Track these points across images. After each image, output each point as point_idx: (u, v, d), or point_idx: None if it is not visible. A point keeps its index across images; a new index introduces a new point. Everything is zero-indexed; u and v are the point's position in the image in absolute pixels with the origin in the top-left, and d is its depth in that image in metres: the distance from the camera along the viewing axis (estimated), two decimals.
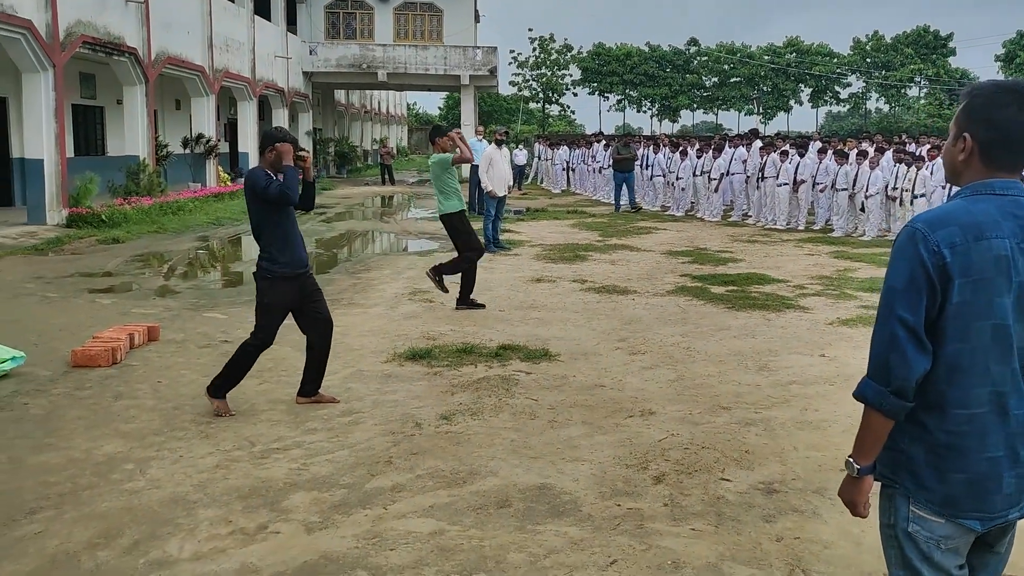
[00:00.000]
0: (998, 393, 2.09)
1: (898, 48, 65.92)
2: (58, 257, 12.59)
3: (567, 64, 66.40)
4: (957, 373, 2.08)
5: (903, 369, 2.06)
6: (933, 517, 2.14)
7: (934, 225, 2.07)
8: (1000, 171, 2.14)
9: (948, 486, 2.11)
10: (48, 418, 5.38)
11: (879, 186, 15.01)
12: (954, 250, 2.03)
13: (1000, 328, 2.06)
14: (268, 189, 5.28)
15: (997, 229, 2.05)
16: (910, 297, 2.05)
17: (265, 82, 28.35)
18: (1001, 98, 2.11)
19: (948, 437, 2.10)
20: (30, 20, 14.43)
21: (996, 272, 2.04)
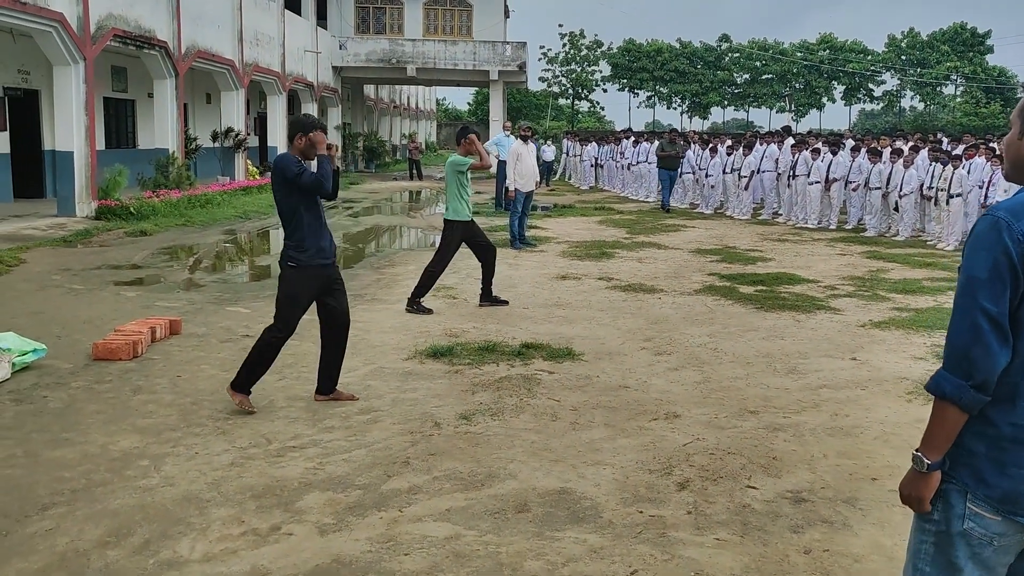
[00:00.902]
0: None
1: (934, 45, 64.81)
2: (86, 249, 12.66)
3: (597, 60, 66.04)
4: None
5: (987, 362, 1.99)
6: (990, 514, 2.07)
7: (1018, 214, 2.00)
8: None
9: (1010, 481, 2.04)
10: (66, 412, 5.35)
11: (913, 185, 14.68)
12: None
13: None
14: (301, 177, 5.21)
15: None
16: (994, 287, 1.99)
17: (295, 76, 28.43)
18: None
19: (1014, 430, 2.04)
20: (62, 13, 14.54)
21: None
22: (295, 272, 5.37)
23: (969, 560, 2.10)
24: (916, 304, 9.06)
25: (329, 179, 5.31)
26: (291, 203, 5.34)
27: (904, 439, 5.06)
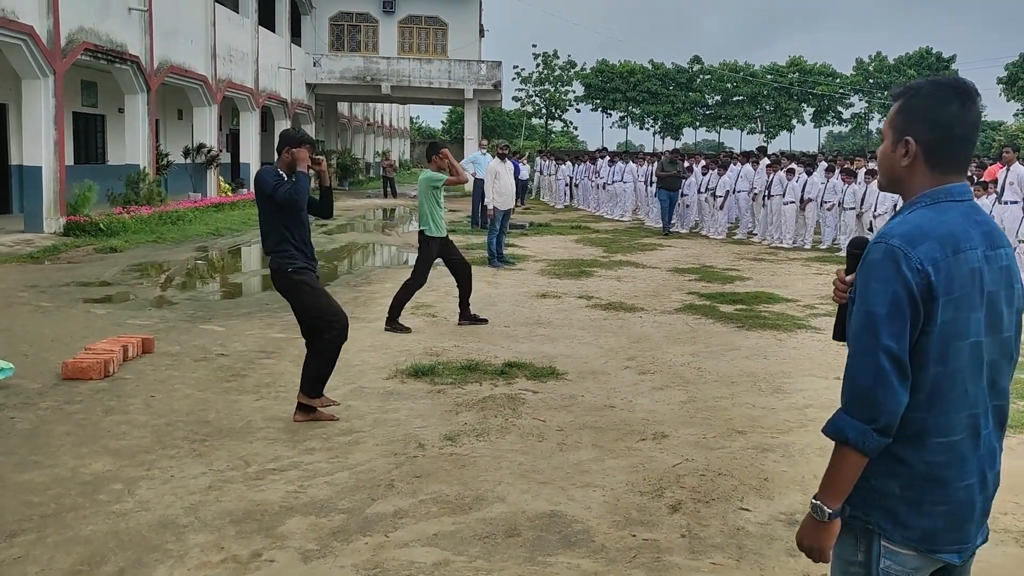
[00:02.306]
0: (974, 416, 1.95)
1: (901, 69, 66.05)
2: (54, 266, 12.38)
3: (570, 80, 66.54)
4: (938, 399, 1.91)
5: (892, 404, 1.87)
6: (906, 550, 1.97)
7: (912, 240, 1.89)
8: (950, 174, 1.99)
9: (928, 520, 1.95)
10: (35, 433, 5.15)
11: (887, 206, 14.80)
12: (937, 267, 1.87)
13: (976, 346, 1.93)
14: (276, 191, 5.15)
15: (969, 240, 1.92)
16: (895, 323, 1.86)
17: (268, 93, 28.24)
18: (943, 96, 1.97)
19: (928, 468, 1.93)
20: (31, 26, 14.29)
21: (972, 287, 1.90)
22: (303, 273, 5.33)
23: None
24: None
25: (304, 196, 5.25)
26: (272, 217, 5.27)
27: None
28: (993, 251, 1.96)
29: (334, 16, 35.42)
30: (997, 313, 1.97)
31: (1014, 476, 4.76)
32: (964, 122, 1.97)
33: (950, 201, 1.96)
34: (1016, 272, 2.02)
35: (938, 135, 1.97)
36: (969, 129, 1.98)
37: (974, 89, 1.99)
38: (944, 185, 1.98)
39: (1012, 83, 63.00)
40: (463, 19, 35.89)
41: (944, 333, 1.89)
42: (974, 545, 2.02)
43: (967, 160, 2.02)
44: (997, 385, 2.01)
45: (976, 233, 1.94)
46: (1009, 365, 2.03)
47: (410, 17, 35.71)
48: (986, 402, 1.98)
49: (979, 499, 1.98)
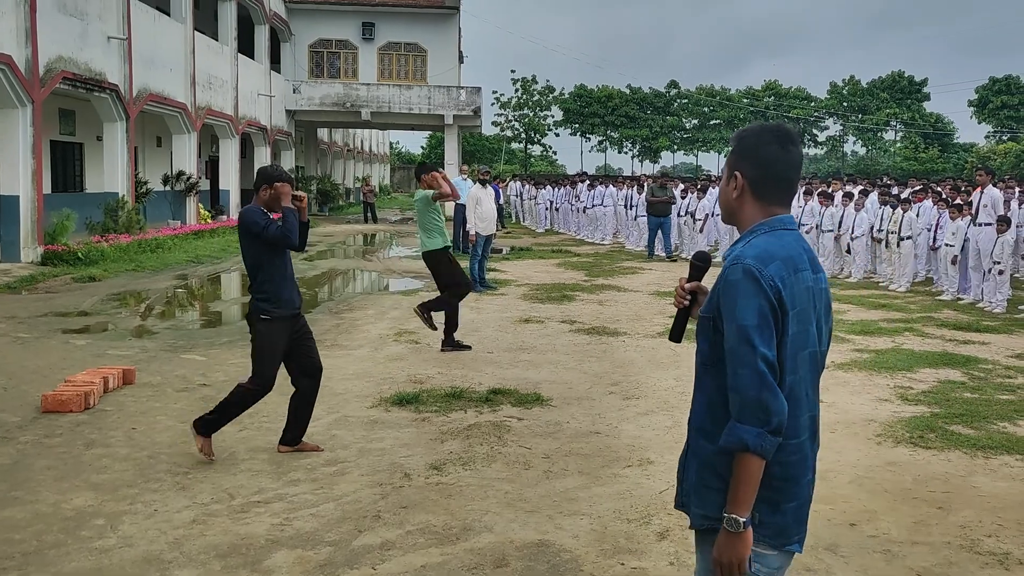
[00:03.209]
0: (813, 418, 2.19)
1: (874, 93, 67.04)
2: (32, 296, 12.26)
3: (549, 105, 67.00)
4: (792, 405, 2.09)
5: (777, 405, 2.03)
6: (768, 551, 2.13)
7: (763, 261, 2.11)
8: (774, 206, 2.24)
9: (782, 516, 2.13)
10: (14, 468, 5.08)
11: (864, 228, 14.99)
12: (784, 283, 2.09)
13: (814, 355, 2.17)
14: (267, 230, 5.12)
15: (803, 262, 2.16)
16: (764, 332, 2.06)
17: (248, 120, 28.23)
18: (764, 137, 2.24)
19: (783, 469, 2.12)
20: (9, 55, 14.23)
21: (808, 303, 2.14)
22: (268, 324, 5.22)
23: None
24: (876, 345, 9.16)
25: (295, 232, 5.24)
26: (257, 255, 5.23)
27: (878, 482, 5.05)
28: (816, 274, 2.21)
29: (313, 43, 35.53)
30: (820, 329, 2.21)
31: (996, 498, 4.82)
32: (784, 161, 2.22)
33: (784, 229, 2.22)
34: (829, 294, 2.27)
35: (761, 172, 2.23)
36: (788, 167, 2.24)
37: (795, 135, 2.27)
38: (776, 216, 2.24)
39: (983, 105, 64.13)
40: (442, 45, 36.10)
41: (793, 344, 2.10)
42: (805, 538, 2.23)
43: (789, 194, 2.27)
44: (817, 393, 2.26)
45: (806, 258, 2.19)
46: (819, 376, 2.26)
47: (389, 44, 35.88)
48: (816, 407, 2.21)
49: (811, 494, 2.23)
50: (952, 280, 12.98)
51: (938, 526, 4.45)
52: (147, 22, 20.23)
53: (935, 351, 8.86)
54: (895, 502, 4.76)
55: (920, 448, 5.70)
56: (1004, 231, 11.79)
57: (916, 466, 5.36)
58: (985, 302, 12.07)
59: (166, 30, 21.55)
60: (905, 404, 6.81)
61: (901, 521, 4.50)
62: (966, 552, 4.14)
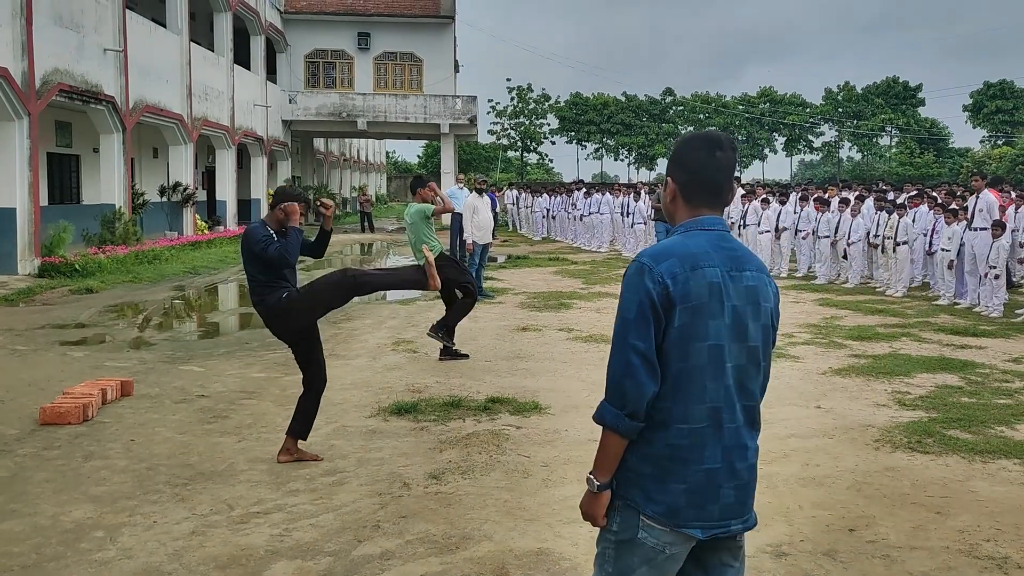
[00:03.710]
0: (715, 409, 2.27)
1: (869, 98, 67.23)
2: (29, 308, 12.25)
3: (545, 113, 67.10)
4: (679, 391, 2.26)
5: (636, 393, 2.23)
6: (659, 526, 2.28)
7: (658, 258, 2.29)
8: (703, 208, 2.39)
9: (671, 496, 2.26)
10: (13, 481, 5.08)
11: (861, 233, 15.03)
12: (675, 279, 2.25)
13: (715, 348, 2.26)
14: (267, 250, 5.19)
15: (709, 259, 2.29)
16: (640, 326, 2.24)
17: (244, 130, 28.27)
18: (693, 143, 2.41)
19: (671, 450, 2.26)
20: (6, 68, 14.26)
21: (710, 297, 2.26)
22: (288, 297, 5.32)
23: (644, 565, 2.30)
24: (873, 351, 9.18)
25: (294, 253, 5.32)
26: (257, 271, 5.32)
27: (876, 488, 5.06)
28: (738, 272, 2.32)
29: (309, 53, 35.62)
30: (743, 324, 2.30)
31: (994, 502, 4.83)
32: (710, 166, 2.37)
33: (700, 230, 2.37)
34: (765, 292, 2.36)
35: (689, 177, 2.39)
36: (714, 171, 2.38)
37: (723, 140, 2.39)
38: (697, 217, 2.39)
39: (977, 110, 64.34)
40: (438, 55, 36.21)
41: (682, 335, 2.25)
42: (726, 527, 2.31)
43: (717, 196, 2.40)
44: (745, 387, 2.33)
45: (720, 256, 2.31)
46: (757, 371, 2.35)
47: (385, 53, 35.98)
48: (732, 400, 2.29)
49: (726, 485, 2.29)
50: (948, 285, 13.01)
51: (936, 531, 4.45)
52: (143, 34, 20.29)
53: (932, 356, 8.89)
54: (893, 507, 4.77)
55: (918, 453, 5.71)
56: (999, 235, 11.83)
57: (914, 471, 5.37)
58: (982, 306, 12.10)
59: (162, 42, 21.61)
60: (903, 409, 6.82)
61: (900, 526, 4.51)
62: (964, 556, 4.15)
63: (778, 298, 2.46)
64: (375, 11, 35.55)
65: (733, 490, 2.30)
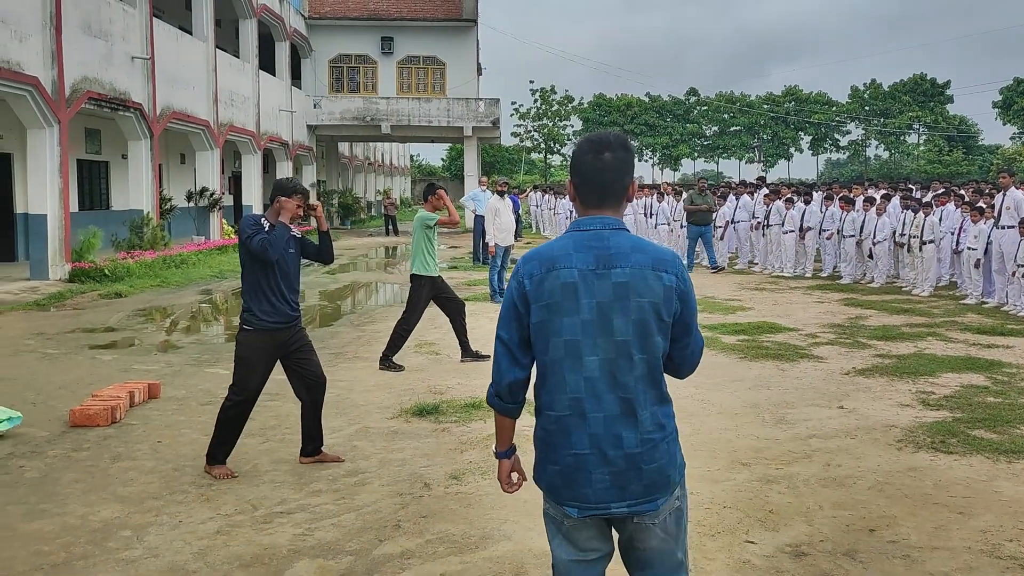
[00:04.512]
0: (576, 399, 2.43)
1: (896, 96, 66.59)
2: (60, 313, 12.47)
3: (568, 114, 67.10)
4: (545, 380, 2.48)
5: (498, 376, 2.55)
6: (549, 501, 2.54)
7: (527, 260, 2.52)
8: (589, 209, 2.53)
9: (548, 475, 2.50)
10: (43, 482, 5.19)
11: (886, 232, 14.90)
12: (532, 280, 2.46)
13: (571, 344, 2.42)
14: (251, 240, 5.06)
15: (567, 260, 2.44)
16: (506, 319, 2.51)
17: (269, 135, 28.54)
18: (582, 147, 2.53)
19: (544, 434, 2.51)
20: (36, 77, 14.53)
21: (563, 297, 2.42)
22: (247, 335, 5.21)
23: (557, 533, 2.57)
24: (897, 351, 9.11)
25: (277, 248, 5.08)
26: (244, 264, 5.22)
27: (898, 488, 5.03)
28: (606, 270, 2.43)
29: (333, 58, 35.89)
30: (608, 320, 2.42)
31: (1018, 502, 4.79)
32: (594, 168, 2.49)
33: (574, 231, 2.51)
34: (640, 287, 2.43)
35: (578, 178, 2.54)
36: (598, 172, 2.49)
37: (612, 141, 2.50)
38: (583, 217, 2.53)
39: (1007, 107, 63.46)
40: (460, 58, 36.33)
41: (538, 330, 2.46)
42: (604, 509, 2.45)
43: (603, 195, 2.51)
44: (618, 380, 2.43)
45: (583, 256, 2.44)
46: (629, 364, 2.43)
47: (408, 57, 36.17)
48: (598, 391, 2.42)
49: (598, 471, 2.43)
50: (976, 284, 12.87)
51: (959, 531, 4.43)
52: (170, 41, 20.56)
53: (958, 355, 8.80)
54: (915, 507, 4.75)
55: (941, 453, 5.67)
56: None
57: (937, 471, 5.34)
58: (1010, 305, 11.96)
59: (188, 49, 21.88)
60: (927, 409, 6.78)
61: (921, 526, 4.49)
62: (987, 557, 4.12)
63: (675, 290, 2.46)
64: (398, 15, 35.76)
65: (608, 475, 2.42)
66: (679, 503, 2.54)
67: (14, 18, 14.00)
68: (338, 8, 35.73)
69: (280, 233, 5.14)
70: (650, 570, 2.55)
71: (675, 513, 2.53)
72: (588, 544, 2.54)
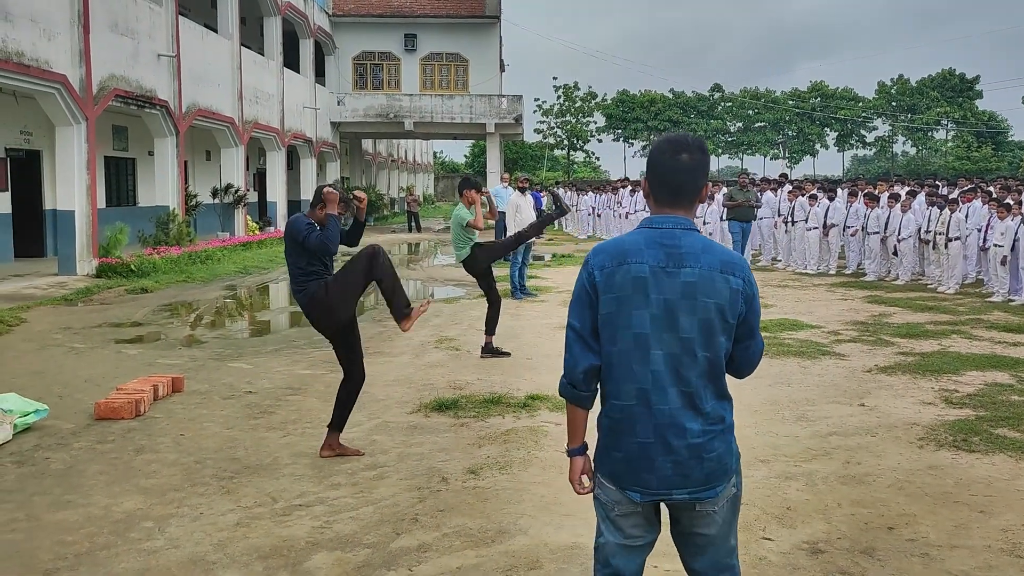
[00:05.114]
0: (642, 390, 2.49)
1: (924, 91, 65.79)
2: (86, 307, 12.65)
3: (591, 111, 66.90)
4: (612, 370, 2.54)
5: (571, 363, 2.59)
6: (609, 484, 2.60)
7: (596, 252, 2.59)
8: (663, 207, 2.59)
9: (612, 462, 2.57)
10: (68, 473, 5.28)
11: (911, 229, 14.75)
12: (602, 271, 2.53)
13: (639, 336, 2.49)
14: (309, 238, 5.33)
15: (639, 255, 2.51)
16: (574, 308, 2.60)
17: (294, 132, 28.73)
18: (660, 147, 2.60)
19: (610, 422, 2.56)
20: (64, 75, 14.73)
21: (634, 290, 2.49)
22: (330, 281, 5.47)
23: (605, 519, 2.66)
24: (921, 348, 9.03)
25: (335, 241, 5.43)
26: (298, 261, 5.46)
27: (918, 486, 5.00)
28: (676, 268, 2.49)
29: (357, 56, 36.05)
30: (674, 317, 2.49)
31: None
32: (671, 168, 2.55)
33: (646, 228, 2.58)
34: (708, 288, 2.49)
35: (654, 177, 2.59)
36: (674, 173, 2.55)
37: (691, 144, 2.56)
38: (655, 215, 2.60)
39: None
40: (483, 55, 36.36)
41: (608, 320, 2.52)
42: (666, 495, 2.54)
43: (677, 195, 2.57)
44: (681, 375, 2.50)
45: (653, 252, 2.50)
46: (692, 360, 2.50)
47: (431, 55, 36.26)
48: (663, 384, 2.48)
49: (661, 459, 2.50)
50: (1002, 281, 12.71)
51: (979, 530, 4.39)
52: (195, 39, 20.75)
53: (983, 353, 8.71)
54: (935, 506, 4.71)
55: (963, 451, 5.62)
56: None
57: (958, 469, 5.29)
58: None
59: (214, 46, 22.08)
60: (949, 407, 6.71)
61: (941, 525, 4.46)
62: (1007, 556, 4.09)
63: (741, 293, 2.53)
64: (421, 12, 35.84)
65: (671, 463, 2.50)
66: (735, 490, 2.63)
67: (43, 17, 14.20)
68: (362, 5, 35.87)
69: (334, 227, 5.44)
70: (704, 555, 2.66)
71: (731, 500, 2.62)
72: (634, 531, 2.63)
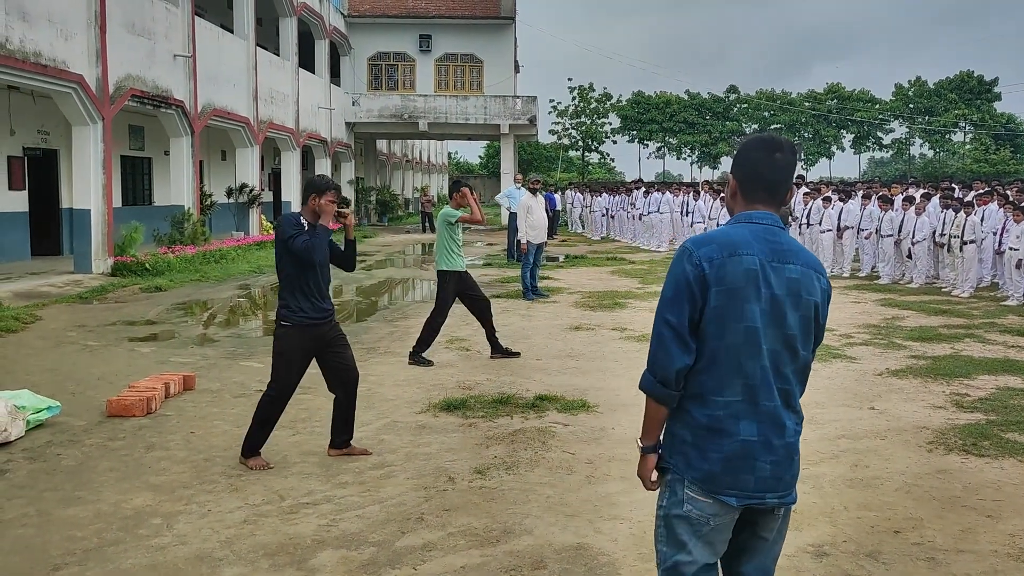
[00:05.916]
0: (749, 386, 2.43)
1: (941, 93, 65.29)
2: (101, 305, 12.75)
3: (606, 112, 66.82)
4: (715, 366, 2.44)
5: (666, 361, 2.45)
6: (702, 497, 2.45)
7: (699, 244, 2.48)
8: (756, 204, 2.55)
9: (709, 463, 2.43)
10: (79, 469, 5.34)
11: (926, 232, 14.66)
12: (712, 263, 2.42)
13: (751, 330, 2.41)
14: (294, 241, 5.16)
15: (748, 248, 2.44)
16: (674, 303, 2.45)
17: (308, 132, 28.85)
18: (752, 144, 2.58)
19: (709, 420, 2.44)
20: (81, 75, 14.85)
21: (746, 283, 2.41)
22: (285, 331, 5.32)
23: (692, 536, 2.48)
24: (933, 352, 8.98)
25: (320, 250, 5.20)
26: (282, 262, 5.30)
27: (926, 490, 4.97)
28: (781, 264, 2.46)
29: (372, 56, 36.16)
30: (781, 312, 2.45)
31: None
32: (767, 166, 2.54)
33: (747, 222, 2.53)
34: (809, 285, 2.48)
35: (745, 173, 2.57)
36: (770, 171, 2.54)
37: (784, 144, 2.56)
38: (749, 211, 2.55)
39: None
40: (498, 56, 36.40)
41: (718, 315, 2.42)
42: (760, 499, 2.45)
43: (771, 193, 2.56)
44: (781, 371, 2.47)
45: (761, 246, 2.46)
46: (793, 358, 2.48)
47: (446, 55, 36.33)
48: (769, 380, 2.44)
49: (762, 459, 2.43)
50: (1017, 285, 12.62)
51: (986, 534, 4.37)
52: (211, 39, 20.88)
53: (996, 357, 8.65)
54: (943, 510, 4.69)
55: (972, 456, 5.59)
56: None
57: (967, 474, 5.26)
58: None
59: (229, 47, 22.20)
60: (960, 411, 6.68)
61: (948, 529, 4.44)
62: (1013, 561, 4.07)
63: (827, 296, 2.55)
64: (436, 13, 35.93)
65: (769, 464, 2.44)
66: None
67: (60, 17, 14.33)
68: (377, 6, 35.99)
69: (322, 236, 5.26)
70: (754, 559, 2.60)
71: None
72: (722, 545, 2.52)
